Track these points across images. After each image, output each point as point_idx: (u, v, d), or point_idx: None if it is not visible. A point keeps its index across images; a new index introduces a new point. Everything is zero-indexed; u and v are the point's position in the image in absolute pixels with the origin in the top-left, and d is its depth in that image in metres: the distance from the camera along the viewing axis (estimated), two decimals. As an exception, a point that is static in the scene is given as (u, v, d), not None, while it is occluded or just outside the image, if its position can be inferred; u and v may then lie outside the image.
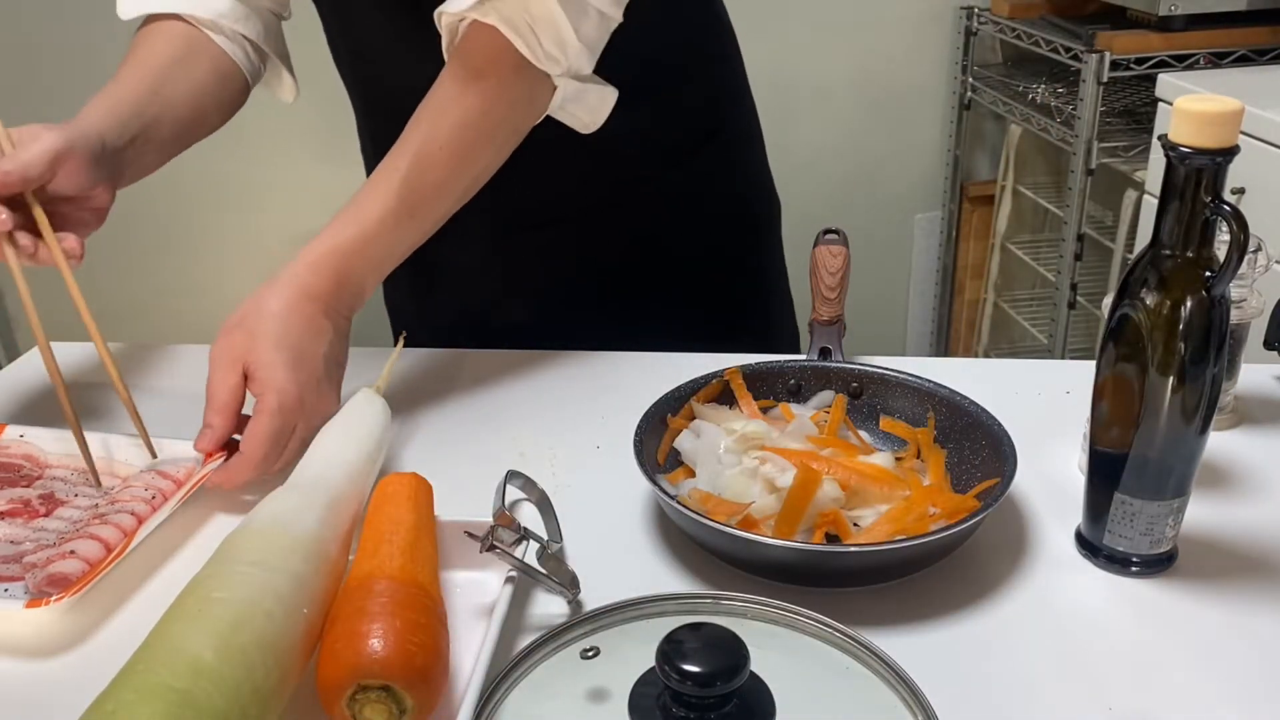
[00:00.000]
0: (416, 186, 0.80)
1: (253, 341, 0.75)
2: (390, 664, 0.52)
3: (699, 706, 0.48)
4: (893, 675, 0.52)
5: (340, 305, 0.79)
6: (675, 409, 0.77)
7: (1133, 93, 2.02)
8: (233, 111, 0.97)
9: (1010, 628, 0.64)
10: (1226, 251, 0.59)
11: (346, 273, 0.79)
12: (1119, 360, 0.64)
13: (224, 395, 0.74)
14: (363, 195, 0.81)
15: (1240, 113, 0.58)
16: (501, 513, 0.63)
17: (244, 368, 0.75)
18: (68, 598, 0.61)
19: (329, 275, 0.78)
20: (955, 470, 0.74)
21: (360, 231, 0.79)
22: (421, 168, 0.80)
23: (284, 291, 0.77)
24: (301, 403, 0.74)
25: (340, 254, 0.79)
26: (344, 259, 0.79)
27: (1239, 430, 0.83)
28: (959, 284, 2.48)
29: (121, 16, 0.94)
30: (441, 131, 0.80)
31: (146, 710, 0.47)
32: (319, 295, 0.78)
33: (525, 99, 0.82)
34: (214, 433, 0.74)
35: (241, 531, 0.60)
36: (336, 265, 0.79)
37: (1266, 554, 0.70)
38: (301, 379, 0.75)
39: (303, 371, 0.75)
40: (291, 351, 0.75)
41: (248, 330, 0.75)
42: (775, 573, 0.66)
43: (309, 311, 0.77)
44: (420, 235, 0.83)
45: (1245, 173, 1.52)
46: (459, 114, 0.81)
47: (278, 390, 0.73)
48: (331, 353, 0.78)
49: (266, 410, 0.73)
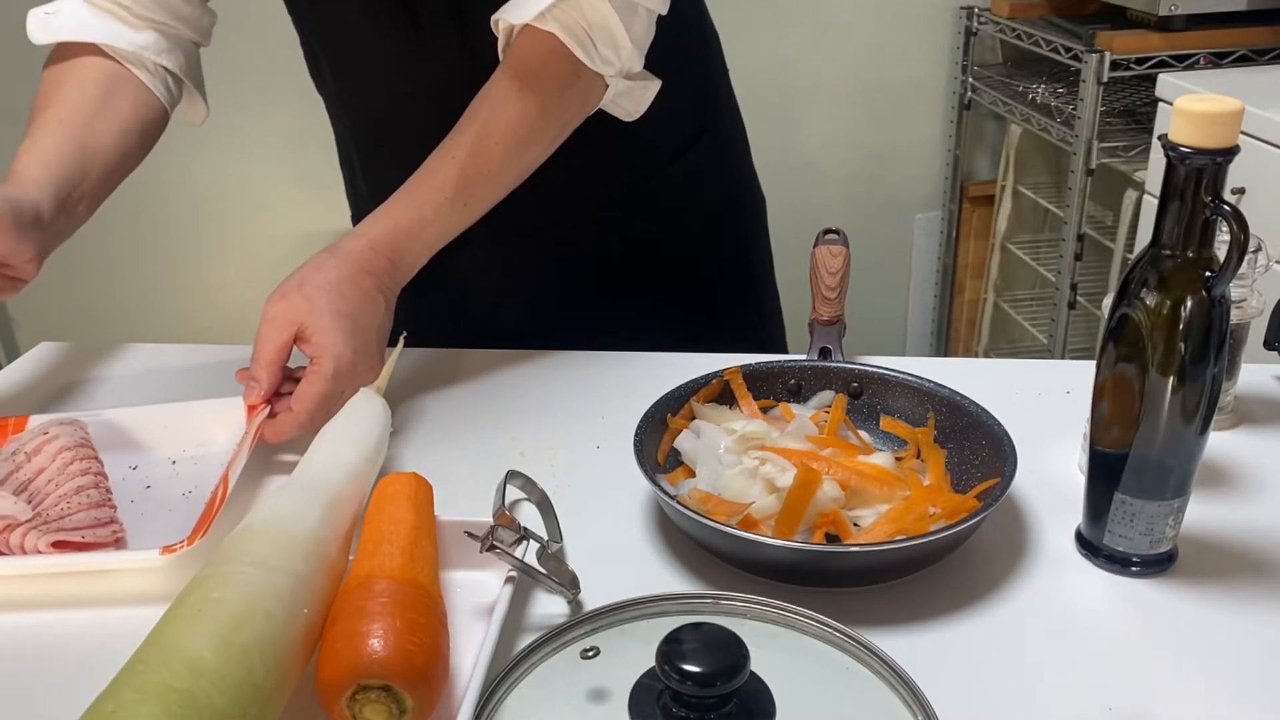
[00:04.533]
0: (472, 176, 0.83)
1: (311, 306, 0.78)
2: (390, 664, 0.52)
3: (699, 706, 0.48)
4: (893, 675, 0.52)
5: (392, 282, 0.83)
6: (675, 409, 0.77)
7: (1133, 93, 2.02)
8: (152, 145, 0.97)
9: (1010, 628, 0.64)
10: (1226, 251, 0.59)
11: (402, 253, 0.83)
12: (1119, 360, 0.64)
13: (271, 352, 0.77)
14: (420, 180, 0.84)
15: (1240, 113, 0.58)
16: (501, 513, 0.63)
17: (298, 330, 0.77)
18: (199, 539, 0.65)
19: (386, 254, 0.82)
20: (955, 470, 0.74)
21: (418, 215, 0.83)
22: (477, 159, 0.83)
23: (343, 264, 0.80)
24: (354, 370, 0.77)
25: (398, 234, 0.82)
26: (401, 239, 0.82)
27: (1239, 430, 0.83)
28: (959, 284, 2.48)
29: (34, 41, 0.92)
30: (498, 127, 0.83)
31: (146, 710, 0.47)
32: (375, 271, 0.81)
33: (580, 100, 0.86)
34: (260, 387, 0.77)
35: (241, 531, 0.60)
36: (394, 245, 0.82)
37: (1266, 554, 0.70)
38: (356, 346, 0.78)
39: (357, 339, 0.78)
40: (349, 320, 0.78)
41: (306, 296, 0.78)
42: (775, 573, 0.66)
43: (366, 285, 0.80)
44: (469, 221, 0.86)
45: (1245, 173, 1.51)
46: (516, 112, 0.83)
47: (335, 356, 0.76)
48: (382, 325, 0.82)
49: (321, 374, 0.76)
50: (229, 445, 0.78)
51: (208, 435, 0.80)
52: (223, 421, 0.80)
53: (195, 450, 0.80)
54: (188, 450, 0.80)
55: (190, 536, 0.66)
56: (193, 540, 0.65)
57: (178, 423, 0.81)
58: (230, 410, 0.79)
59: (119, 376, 0.95)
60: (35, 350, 1.01)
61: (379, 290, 0.81)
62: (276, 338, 0.77)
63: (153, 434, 0.81)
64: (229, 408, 0.79)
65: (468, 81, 0.86)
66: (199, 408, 0.82)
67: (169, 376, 0.95)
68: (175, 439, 0.81)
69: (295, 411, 0.76)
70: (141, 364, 0.97)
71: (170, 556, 0.65)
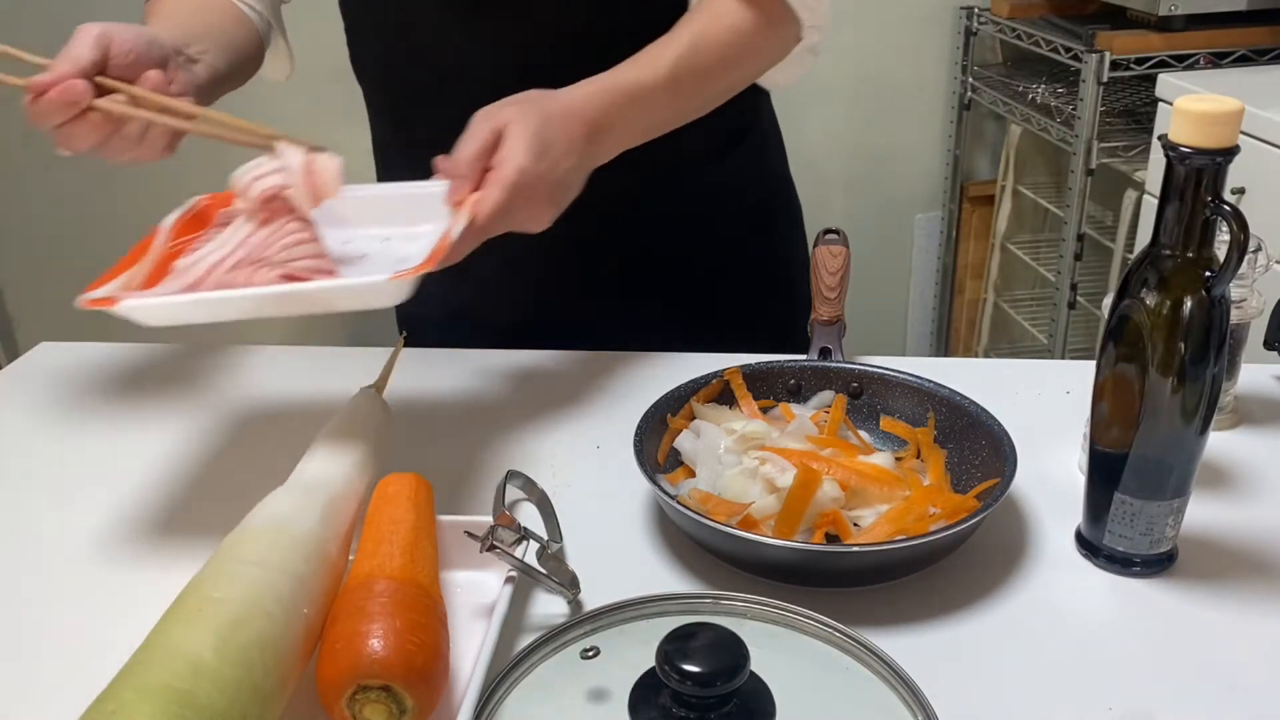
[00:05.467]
0: (686, 69, 0.84)
1: (516, 116, 0.77)
2: (390, 664, 0.52)
3: (699, 706, 0.48)
4: (893, 675, 0.52)
5: (590, 145, 0.81)
6: (675, 409, 0.77)
7: (1133, 93, 2.02)
8: (256, 68, 0.97)
9: (1010, 628, 0.64)
10: (1226, 251, 0.59)
11: (611, 114, 0.82)
12: (1119, 360, 0.64)
13: (474, 150, 0.76)
14: (637, 61, 0.84)
15: (1240, 113, 0.58)
16: (501, 513, 0.63)
17: (499, 134, 0.77)
18: (428, 268, 0.66)
19: (597, 109, 0.81)
20: (955, 470, 0.74)
21: (636, 82, 0.83)
22: (693, 55, 0.84)
23: (559, 100, 0.80)
24: (533, 192, 0.76)
25: (613, 93, 0.82)
26: (614, 99, 0.82)
27: (1239, 430, 0.83)
28: (959, 284, 2.48)
29: None
30: (716, 31, 0.86)
31: (146, 710, 0.47)
32: (585, 120, 0.80)
33: (779, 42, 0.90)
34: (464, 184, 0.76)
35: (241, 531, 0.60)
36: (606, 104, 0.81)
37: (1266, 554, 0.70)
38: (540, 171, 0.76)
39: (543, 165, 0.77)
40: (544, 144, 0.77)
41: (518, 108, 0.78)
42: (775, 573, 0.66)
43: (572, 128, 0.79)
44: (664, 120, 0.87)
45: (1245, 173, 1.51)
46: (733, 21, 0.86)
47: (519, 168, 0.75)
48: (567, 182, 0.79)
49: (501, 182, 0.74)
50: (432, 231, 0.76)
51: (418, 222, 0.79)
52: (432, 212, 0.78)
53: (406, 230, 0.79)
54: (399, 230, 0.80)
55: (419, 266, 0.66)
56: (422, 268, 0.65)
57: (390, 207, 0.80)
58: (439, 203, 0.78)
59: (119, 376, 0.95)
60: (35, 350, 1.01)
61: (583, 139, 0.79)
62: (481, 137, 0.76)
63: (362, 214, 0.81)
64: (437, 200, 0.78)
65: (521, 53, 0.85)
66: (413, 191, 0.81)
67: (169, 377, 0.95)
68: (386, 221, 0.80)
69: (472, 218, 0.74)
70: (141, 364, 0.98)
71: (399, 282, 0.65)
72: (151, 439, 0.86)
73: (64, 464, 0.83)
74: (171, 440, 0.85)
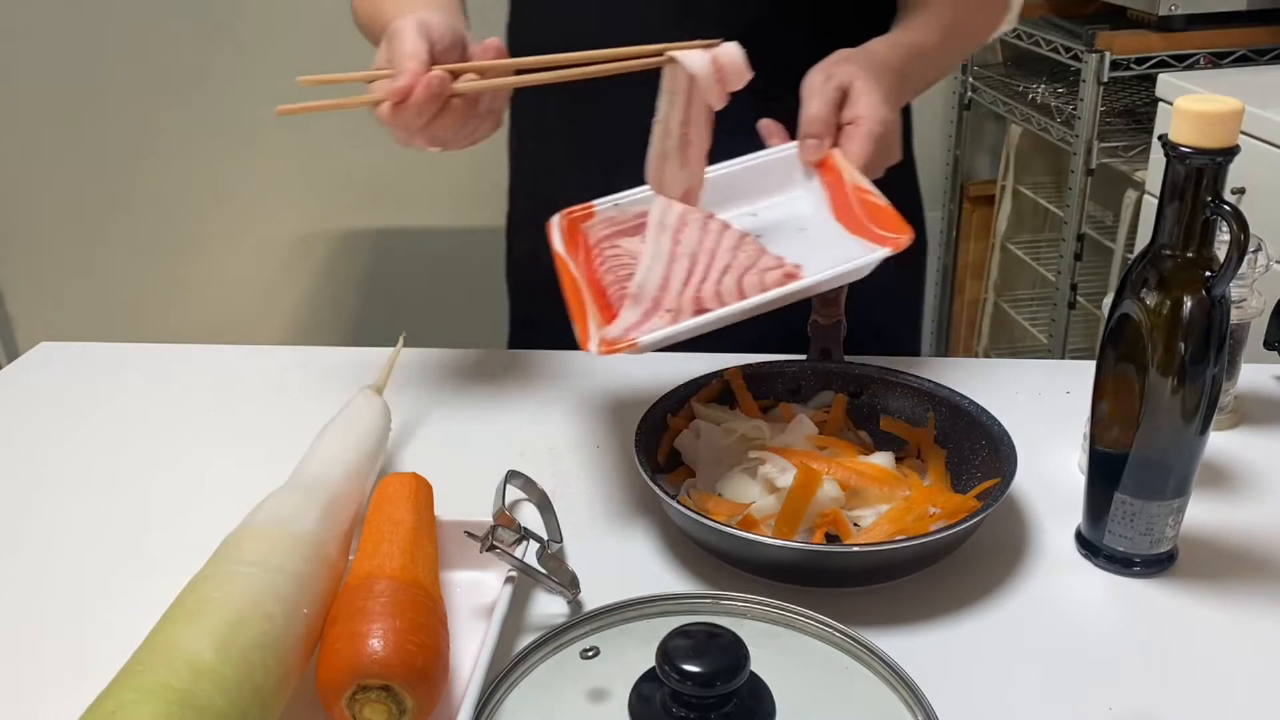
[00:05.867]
0: (951, 34, 0.89)
1: (859, 71, 0.77)
2: (390, 664, 0.52)
3: (699, 706, 0.48)
4: (893, 675, 0.52)
5: (897, 98, 0.82)
6: (675, 409, 0.77)
7: (1133, 93, 2.02)
8: None
9: (1010, 628, 0.64)
10: (1226, 251, 0.59)
11: (907, 69, 0.84)
12: (1119, 360, 0.64)
13: (827, 107, 0.76)
14: (913, 25, 0.88)
15: (1240, 113, 0.58)
16: (501, 513, 0.63)
17: (844, 91, 0.77)
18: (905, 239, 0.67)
19: (900, 62, 0.83)
20: (955, 470, 0.74)
21: (921, 43, 0.86)
22: (955, 23, 0.90)
23: (874, 54, 0.81)
24: (889, 143, 0.77)
25: (906, 49, 0.84)
26: (907, 55, 0.84)
27: (1239, 430, 0.83)
28: (959, 284, 2.48)
29: None
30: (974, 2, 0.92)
31: (146, 710, 0.47)
32: (895, 72, 0.81)
33: (997, 10, 0.97)
34: (822, 142, 0.76)
35: (241, 531, 0.60)
36: (905, 58, 0.84)
37: (1266, 554, 0.70)
38: (892, 120, 0.77)
39: (892, 114, 0.77)
40: (888, 93, 0.78)
41: (852, 64, 0.78)
42: (775, 573, 0.66)
43: (892, 80, 0.80)
44: (932, 79, 0.92)
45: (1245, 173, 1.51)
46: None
47: (880, 119, 0.76)
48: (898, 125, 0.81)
49: (867, 134, 0.75)
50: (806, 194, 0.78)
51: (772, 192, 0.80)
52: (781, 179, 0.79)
53: (767, 202, 0.80)
54: (761, 203, 0.80)
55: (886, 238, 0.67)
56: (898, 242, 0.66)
57: (735, 183, 0.80)
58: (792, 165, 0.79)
59: (119, 376, 0.95)
60: (35, 350, 1.01)
61: (895, 90, 0.80)
62: (829, 95, 0.77)
63: (715, 196, 0.80)
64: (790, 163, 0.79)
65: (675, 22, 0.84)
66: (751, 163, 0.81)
67: (169, 377, 0.95)
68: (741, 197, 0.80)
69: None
70: (142, 364, 0.97)
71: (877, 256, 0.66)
72: (151, 439, 0.86)
73: (64, 464, 0.83)
74: (171, 440, 0.85)
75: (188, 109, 2.07)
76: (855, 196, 0.72)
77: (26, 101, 2.08)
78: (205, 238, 2.22)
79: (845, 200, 0.73)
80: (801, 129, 0.77)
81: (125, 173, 2.12)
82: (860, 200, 0.73)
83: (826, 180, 0.77)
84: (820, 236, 0.75)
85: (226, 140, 2.10)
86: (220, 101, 2.06)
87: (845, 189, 0.73)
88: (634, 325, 0.68)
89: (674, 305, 0.68)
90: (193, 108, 2.06)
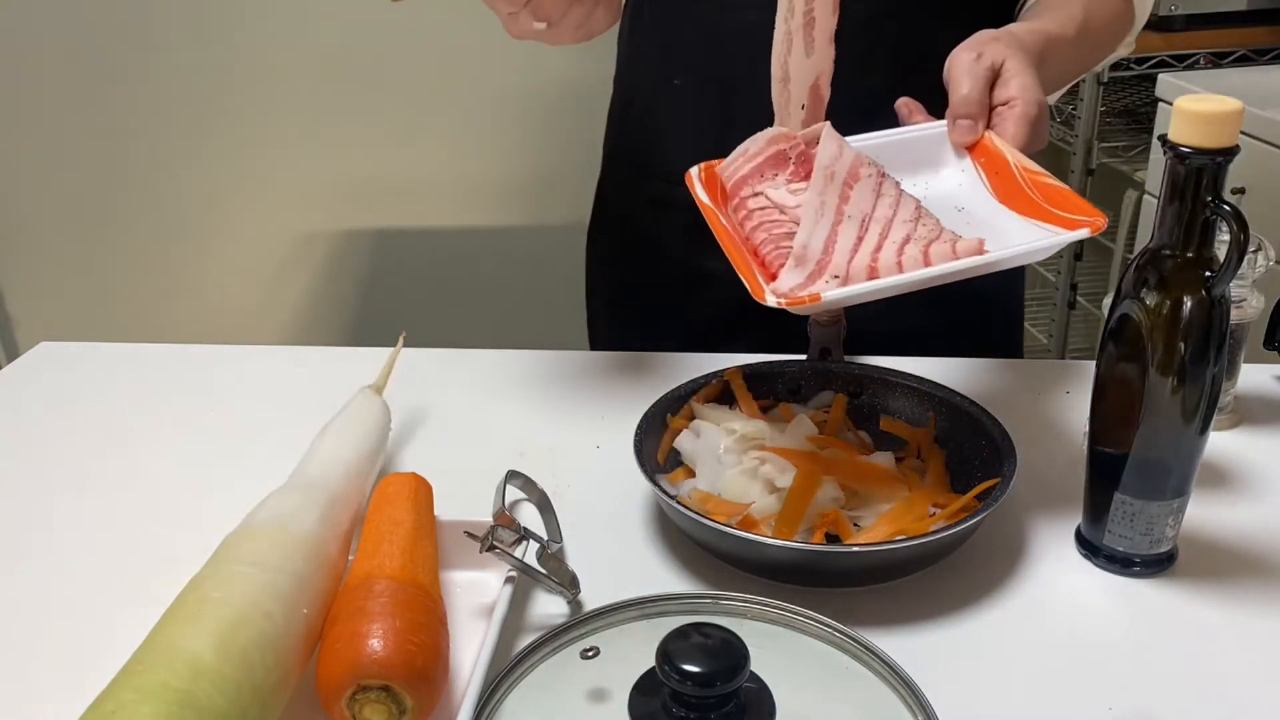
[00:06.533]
0: (1083, 31, 0.87)
1: (1010, 52, 0.76)
2: (390, 664, 0.52)
3: (699, 706, 0.48)
4: (893, 675, 0.52)
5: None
6: (675, 409, 0.77)
7: (1133, 93, 2.02)
8: None
9: (1010, 628, 0.64)
10: (1226, 251, 0.59)
11: (1044, 55, 0.82)
12: (1119, 360, 0.64)
13: (978, 90, 0.75)
14: (1049, 17, 0.86)
15: (1240, 113, 0.58)
16: (501, 513, 0.63)
17: (995, 71, 0.76)
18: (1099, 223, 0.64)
19: (1039, 47, 0.81)
20: (955, 470, 0.74)
21: (1057, 33, 0.84)
22: (1086, 21, 0.87)
23: (1017, 36, 0.79)
24: (1043, 124, 0.76)
25: (1044, 36, 0.82)
26: (1045, 43, 0.82)
27: (1239, 430, 0.83)
28: (959, 284, 2.47)
29: None
30: (1100, 8, 0.90)
31: (146, 710, 0.47)
32: (1036, 55, 0.80)
33: (1124, 28, 0.96)
34: (978, 124, 0.75)
35: (241, 531, 0.60)
36: (1043, 44, 0.82)
37: (1266, 554, 0.70)
38: (1045, 101, 0.76)
39: (1043, 95, 0.76)
40: (1036, 77, 0.76)
41: (1000, 43, 0.77)
42: (775, 573, 0.66)
43: (1037, 63, 0.79)
44: (1062, 76, 0.90)
45: (1245, 173, 1.52)
46: (1114, 4, 0.92)
47: (1036, 100, 0.75)
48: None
49: (1024, 117, 0.74)
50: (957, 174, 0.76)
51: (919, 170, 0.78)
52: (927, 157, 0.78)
53: (912, 180, 0.77)
54: (910, 179, 0.77)
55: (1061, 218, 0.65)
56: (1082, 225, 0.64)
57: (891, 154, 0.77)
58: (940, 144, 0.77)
59: (119, 376, 0.95)
60: (35, 350, 1.01)
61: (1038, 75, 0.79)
62: (982, 75, 0.75)
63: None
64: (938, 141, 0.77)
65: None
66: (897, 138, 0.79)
67: (169, 377, 0.95)
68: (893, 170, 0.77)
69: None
70: (142, 364, 0.97)
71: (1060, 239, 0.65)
72: (151, 439, 0.86)
73: (63, 464, 0.83)
74: (171, 440, 0.85)
75: (188, 109, 2.07)
76: (1027, 179, 0.70)
77: (26, 101, 2.08)
78: (205, 238, 2.22)
79: (1012, 182, 0.71)
80: (954, 109, 0.76)
81: (125, 172, 2.12)
82: (1034, 183, 0.70)
83: (982, 161, 0.75)
84: (982, 217, 0.73)
85: (226, 140, 2.10)
86: (220, 101, 2.06)
87: (1011, 171, 0.71)
88: (799, 287, 0.65)
89: (841, 272, 0.65)
90: (193, 108, 2.06)
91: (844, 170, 0.69)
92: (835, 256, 0.66)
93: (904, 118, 0.80)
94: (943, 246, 0.65)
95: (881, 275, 0.65)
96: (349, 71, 2.02)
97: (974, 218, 0.73)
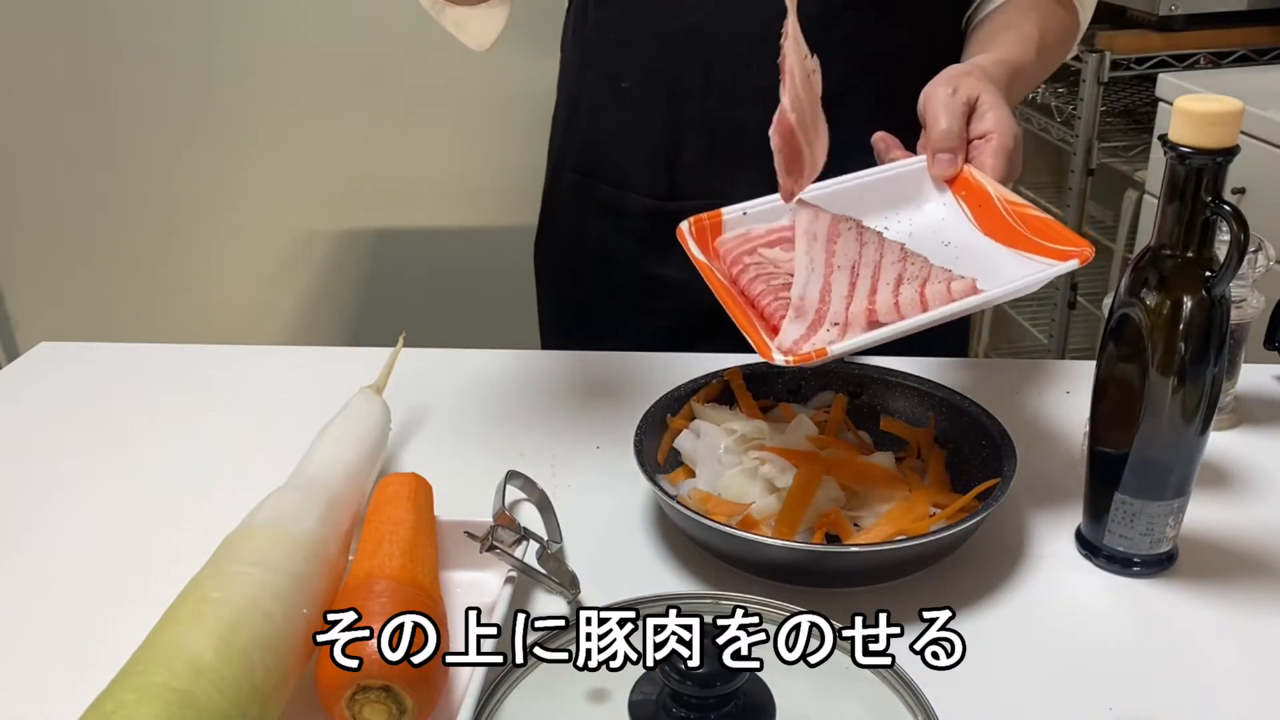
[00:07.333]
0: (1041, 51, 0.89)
1: (984, 86, 0.77)
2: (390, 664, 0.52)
3: (699, 706, 0.48)
4: (893, 675, 0.52)
5: None
6: (675, 409, 0.77)
7: (1133, 93, 2.02)
8: None
9: (1010, 628, 0.64)
10: (1226, 251, 0.59)
11: (1009, 86, 0.84)
12: (1119, 360, 0.64)
13: (958, 122, 0.76)
14: (1008, 43, 0.88)
15: (1240, 113, 0.58)
16: (501, 513, 0.63)
17: (971, 105, 0.77)
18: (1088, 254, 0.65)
19: (1004, 79, 0.83)
20: (955, 470, 0.74)
21: (1018, 61, 0.86)
22: (1042, 40, 0.90)
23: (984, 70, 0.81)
24: (1018, 157, 0.77)
25: (1008, 67, 0.84)
26: (1009, 73, 0.84)
27: (1239, 430, 0.83)
28: (959, 284, 2.48)
29: None
30: (1052, 23, 0.93)
31: (146, 710, 0.47)
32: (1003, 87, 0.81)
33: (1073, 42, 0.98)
34: (956, 157, 0.76)
35: (241, 531, 0.60)
36: (1009, 76, 0.84)
37: (1266, 554, 0.70)
38: (1019, 134, 0.77)
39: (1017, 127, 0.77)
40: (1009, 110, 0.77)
41: (972, 77, 0.78)
42: (775, 573, 0.66)
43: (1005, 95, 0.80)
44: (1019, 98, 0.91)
45: (1245, 173, 1.52)
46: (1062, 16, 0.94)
47: (1012, 133, 0.76)
48: None
49: (1000, 149, 0.75)
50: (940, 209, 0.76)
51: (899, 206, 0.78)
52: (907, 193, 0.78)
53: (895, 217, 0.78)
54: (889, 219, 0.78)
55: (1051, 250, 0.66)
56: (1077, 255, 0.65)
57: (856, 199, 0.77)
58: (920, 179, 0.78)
59: (119, 376, 0.95)
60: (35, 350, 1.01)
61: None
62: (959, 110, 0.76)
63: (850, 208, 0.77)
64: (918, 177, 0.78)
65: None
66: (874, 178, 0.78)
67: (169, 377, 0.95)
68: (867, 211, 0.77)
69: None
70: (142, 364, 0.97)
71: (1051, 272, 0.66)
72: (151, 439, 0.86)
73: (63, 464, 0.83)
74: (171, 440, 0.85)
75: (188, 109, 2.07)
76: (1010, 211, 0.71)
77: (26, 101, 2.08)
78: (205, 238, 2.22)
79: (995, 215, 0.72)
80: (934, 144, 0.76)
81: (125, 172, 2.12)
82: (1018, 215, 0.71)
83: (963, 195, 0.76)
84: (970, 250, 0.73)
85: (227, 140, 2.10)
86: (220, 101, 2.06)
87: (994, 204, 0.72)
88: (801, 339, 0.66)
89: (840, 319, 0.66)
90: (193, 108, 2.06)
91: (823, 230, 0.71)
92: (832, 304, 0.67)
93: (880, 153, 0.80)
94: (938, 287, 0.67)
95: (880, 316, 0.66)
96: (349, 72, 2.02)
97: (962, 252, 0.74)
